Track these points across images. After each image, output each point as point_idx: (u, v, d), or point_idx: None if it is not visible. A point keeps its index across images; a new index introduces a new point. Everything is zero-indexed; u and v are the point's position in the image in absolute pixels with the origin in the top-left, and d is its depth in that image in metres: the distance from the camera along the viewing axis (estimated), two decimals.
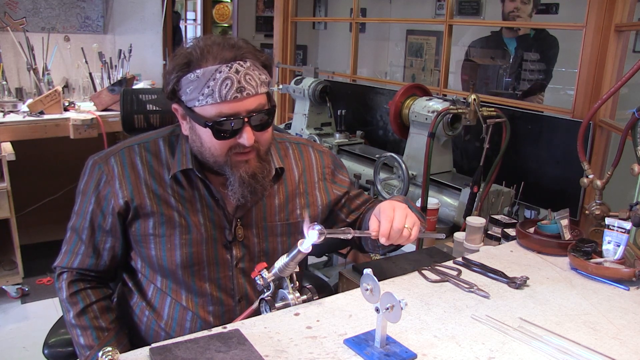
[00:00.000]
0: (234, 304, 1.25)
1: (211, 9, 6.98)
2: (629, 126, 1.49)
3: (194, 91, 1.10)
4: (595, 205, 1.61)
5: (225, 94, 1.08)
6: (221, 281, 1.24)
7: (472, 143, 2.28)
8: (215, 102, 1.09)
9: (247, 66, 1.11)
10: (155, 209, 1.19)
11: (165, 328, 1.24)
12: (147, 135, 1.28)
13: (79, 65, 3.51)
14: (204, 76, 1.08)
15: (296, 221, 1.31)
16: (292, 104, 3.40)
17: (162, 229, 1.20)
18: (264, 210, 1.27)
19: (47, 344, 1.37)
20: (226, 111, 1.10)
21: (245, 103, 1.11)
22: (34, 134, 2.85)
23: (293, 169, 1.33)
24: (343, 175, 1.42)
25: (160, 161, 1.23)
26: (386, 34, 5.36)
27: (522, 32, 3.01)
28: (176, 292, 1.24)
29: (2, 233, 2.79)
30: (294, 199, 1.31)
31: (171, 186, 1.21)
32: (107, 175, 1.21)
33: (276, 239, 1.29)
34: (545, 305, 1.17)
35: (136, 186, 1.20)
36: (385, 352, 0.96)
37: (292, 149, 1.36)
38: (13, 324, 2.67)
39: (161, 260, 1.21)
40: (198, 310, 1.23)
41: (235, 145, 1.14)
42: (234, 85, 1.08)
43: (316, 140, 2.53)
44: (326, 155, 1.40)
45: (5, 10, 3.39)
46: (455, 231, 1.81)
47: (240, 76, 1.09)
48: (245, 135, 1.12)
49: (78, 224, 1.24)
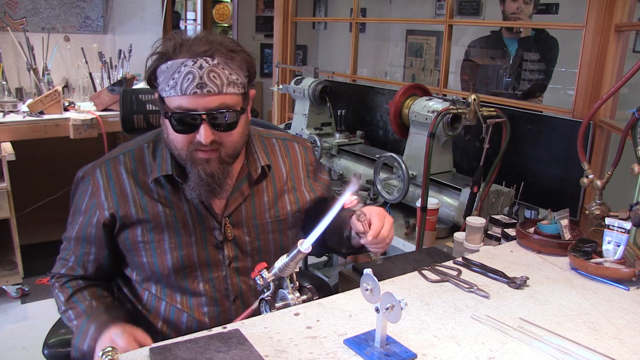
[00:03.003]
0: (229, 303, 1.26)
1: (211, 9, 6.98)
2: (629, 126, 1.49)
3: (163, 82, 1.12)
4: (595, 205, 1.61)
5: (185, 87, 1.08)
6: (215, 282, 1.24)
7: (472, 143, 2.28)
8: (177, 94, 1.09)
9: (214, 63, 1.09)
10: (142, 216, 1.20)
11: (162, 331, 1.24)
12: (133, 142, 1.28)
13: (79, 65, 3.51)
14: (172, 68, 1.10)
15: (286, 217, 1.31)
16: (292, 104, 3.40)
17: (150, 235, 1.20)
18: (253, 209, 1.27)
19: (47, 344, 1.36)
20: (185, 105, 1.10)
21: (205, 100, 1.09)
22: (34, 134, 2.85)
23: (280, 165, 1.33)
24: (325, 175, 1.44)
25: (145, 168, 1.23)
26: (386, 34, 5.37)
27: (524, 33, 3.01)
28: (170, 296, 1.24)
29: (2, 233, 2.79)
30: (282, 196, 1.32)
31: (156, 192, 1.22)
32: (92, 187, 1.22)
33: (268, 237, 1.29)
34: (545, 305, 1.16)
35: (121, 196, 1.21)
36: (385, 352, 0.96)
37: (279, 145, 1.36)
38: (13, 324, 2.67)
39: (153, 266, 1.21)
40: (193, 312, 1.24)
41: (195, 142, 1.13)
42: (195, 80, 1.08)
43: (316, 141, 2.53)
44: (310, 151, 1.41)
45: (5, 10, 3.39)
46: (455, 231, 1.81)
47: (203, 72, 1.08)
48: (202, 132, 1.10)
49: (68, 235, 1.27)
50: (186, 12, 7.08)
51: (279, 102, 3.71)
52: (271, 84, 3.63)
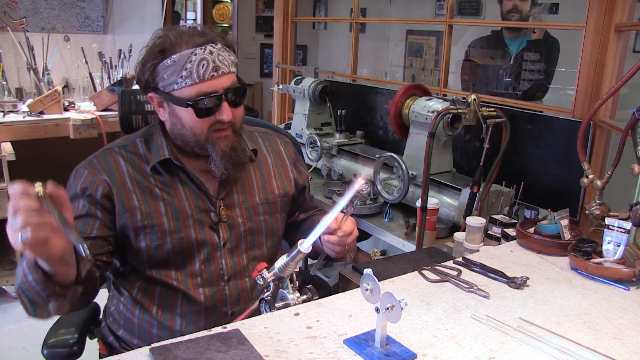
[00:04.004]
0: (223, 283, 1.29)
1: (211, 9, 6.98)
2: (629, 126, 1.49)
3: (172, 75, 1.16)
4: (595, 205, 1.61)
5: (202, 73, 1.16)
6: (210, 262, 1.28)
7: (472, 143, 2.28)
8: (194, 82, 1.16)
9: (219, 48, 1.19)
10: (141, 197, 1.24)
11: (157, 317, 1.26)
12: (124, 138, 1.34)
13: (79, 65, 3.51)
14: (181, 60, 1.16)
15: (275, 200, 1.38)
16: (292, 104, 3.40)
17: (150, 219, 1.23)
18: (244, 192, 1.34)
19: (47, 344, 1.36)
20: (205, 90, 1.17)
21: (221, 81, 1.19)
22: (34, 134, 2.85)
23: (266, 155, 1.42)
24: (304, 168, 1.53)
25: (141, 157, 1.28)
26: (386, 34, 5.37)
27: (537, 35, 3.01)
28: (167, 277, 1.26)
29: (2, 233, 2.78)
30: (270, 181, 1.39)
31: (153, 177, 1.26)
32: (89, 171, 1.24)
33: (259, 218, 1.35)
34: (545, 305, 1.16)
35: (120, 179, 1.24)
36: (385, 352, 0.96)
37: (261, 138, 1.45)
38: (13, 324, 2.67)
39: (152, 250, 1.24)
40: (189, 292, 1.26)
41: (215, 122, 1.21)
42: (210, 65, 1.16)
43: (316, 141, 2.53)
44: (289, 145, 1.50)
45: (5, 10, 3.39)
46: (455, 231, 1.81)
47: (214, 56, 1.17)
48: (224, 111, 1.20)
49: None
50: (186, 12, 7.07)
51: (279, 102, 3.71)
52: (271, 84, 3.63)
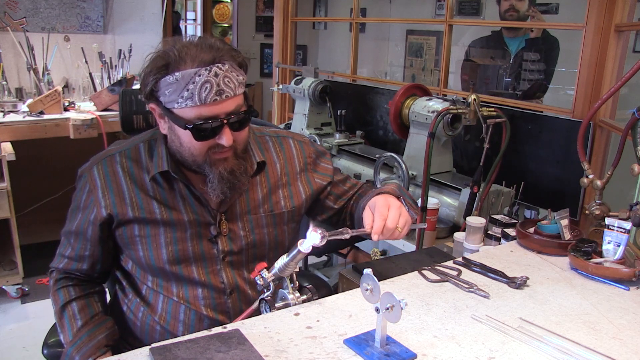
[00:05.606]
0: (225, 297, 1.27)
1: (211, 9, 6.98)
2: (629, 126, 1.49)
3: (173, 93, 1.10)
4: (595, 205, 1.61)
5: (205, 97, 1.09)
6: (210, 275, 1.26)
7: (472, 143, 2.28)
8: (195, 104, 1.09)
9: (226, 68, 1.11)
10: (138, 213, 1.22)
11: (160, 322, 1.26)
12: (130, 141, 1.30)
13: (79, 65, 3.51)
14: (183, 79, 1.09)
15: (280, 212, 1.33)
16: (292, 104, 3.40)
17: (147, 229, 1.22)
18: (247, 204, 1.29)
19: (47, 344, 1.37)
20: (205, 114, 1.11)
21: (224, 105, 1.12)
22: (34, 134, 2.85)
23: (274, 161, 1.35)
24: (326, 163, 1.43)
25: (141, 166, 1.25)
26: (386, 34, 5.36)
27: (535, 34, 3.01)
28: (167, 289, 1.26)
29: (2, 233, 2.79)
30: (277, 191, 1.33)
31: (152, 189, 1.24)
32: (90, 184, 1.24)
33: (262, 231, 1.31)
34: (545, 305, 1.16)
35: (118, 195, 1.22)
36: (385, 352, 0.96)
37: (272, 142, 1.37)
38: (13, 324, 2.67)
39: (149, 260, 1.23)
40: (190, 304, 1.26)
41: (214, 146, 1.15)
42: (214, 88, 1.09)
43: (316, 141, 2.53)
44: (307, 145, 1.41)
45: (5, 10, 3.39)
46: (455, 231, 1.81)
47: (219, 79, 1.10)
48: (224, 136, 1.13)
49: (67, 229, 1.29)
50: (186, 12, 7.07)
51: (279, 102, 3.71)
52: (271, 84, 3.63)
